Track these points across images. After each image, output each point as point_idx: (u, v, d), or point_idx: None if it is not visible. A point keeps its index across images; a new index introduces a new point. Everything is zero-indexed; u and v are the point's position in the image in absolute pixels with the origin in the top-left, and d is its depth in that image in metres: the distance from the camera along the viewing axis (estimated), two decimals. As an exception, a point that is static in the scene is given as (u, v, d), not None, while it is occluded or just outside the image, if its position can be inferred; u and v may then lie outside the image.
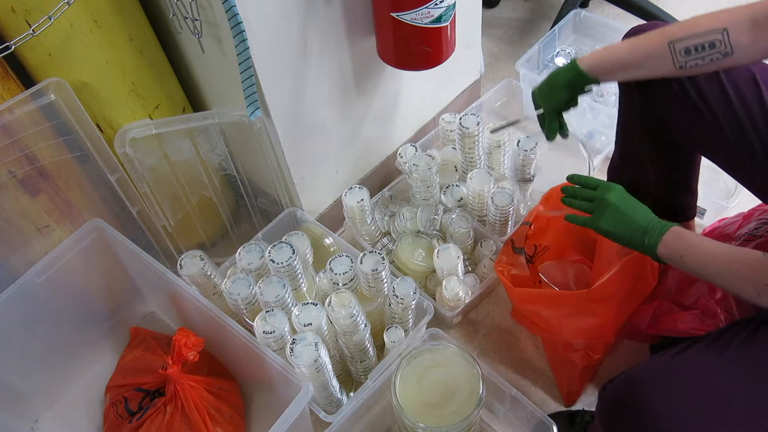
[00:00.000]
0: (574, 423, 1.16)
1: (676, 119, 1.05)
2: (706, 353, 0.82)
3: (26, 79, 1.12)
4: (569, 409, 1.20)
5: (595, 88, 1.70)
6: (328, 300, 1.09)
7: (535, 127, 1.19)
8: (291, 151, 1.28)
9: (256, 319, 1.09)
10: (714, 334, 0.85)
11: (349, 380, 1.27)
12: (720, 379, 0.78)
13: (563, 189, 1.07)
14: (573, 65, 1.02)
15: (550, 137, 1.15)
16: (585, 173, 1.11)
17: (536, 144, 1.37)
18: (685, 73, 0.93)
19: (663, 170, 1.19)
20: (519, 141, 1.38)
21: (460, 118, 1.39)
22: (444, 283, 1.29)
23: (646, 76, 0.97)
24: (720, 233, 1.21)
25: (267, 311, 1.09)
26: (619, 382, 0.85)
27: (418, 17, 1.13)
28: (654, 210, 1.31)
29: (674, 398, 0.78)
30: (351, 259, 1.14)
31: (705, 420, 0.76)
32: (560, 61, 1.79)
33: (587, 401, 1.25)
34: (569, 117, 1.68)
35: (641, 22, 1.84)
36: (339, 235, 1.40)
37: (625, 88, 1.14)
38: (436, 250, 1.32)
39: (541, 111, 1.14)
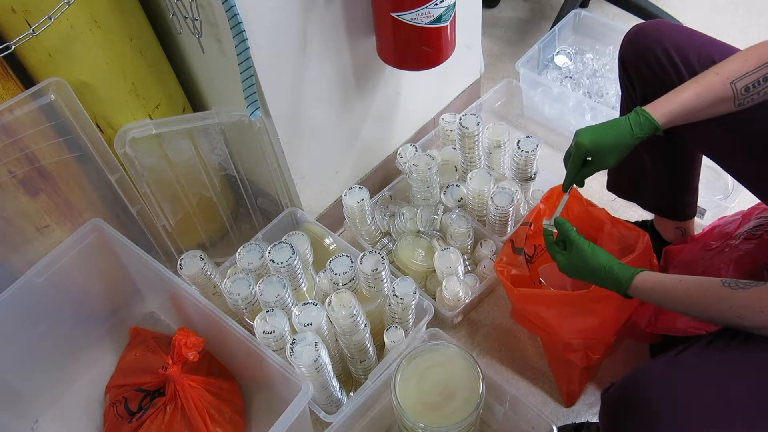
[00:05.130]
0: None
1: None
2: (706, 352, 0.82)
3: (26, 79, 1.12)
4: (574, 422, 1.20)
5: (595, 87, 1.72)
6: (328, 300, 1.09)
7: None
8: (291, 151, 1.28)
9: (256, 319, 1.09)
10: (713, 334, 0.85)
11: (349, 380, 1.27)
12: (720, 379, 0.78)
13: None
14: (642, 113, 0.94)
15: (568, 188, 1.06)
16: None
17: (537, 145, 1.37)
18: (739, 110, 0.92)
19: (663, 168, 1.19)
20: (519, 141, 1.38)
21: (460, 118, 1.39)
22: (444, 283, 1.29)
23: (705, 118, 0.95)
24: (719, 232, 1.21)
25: (267, 311, 1.09)
26: (620, 383, 0.85)
27: (418, 17, 1.13)
28: (654, 209, 1.32)
29: (676, 398, 0.78)
30: (351, 259, 1.14)
31: (706, 419, 0.76)
32: (560, 60, 1.79)
33: (587, 401, 1.25)
34: (569, 117, 1.69)
35: (641, 22, 1.85)
36: (339, 235, 1.40)
37: (626, 86, 1.14)
38: (436, 252, 1.32)
39: (579, 162, 1.00)
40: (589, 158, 0.99)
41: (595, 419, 1.21)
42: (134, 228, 1.33)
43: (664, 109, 0.93)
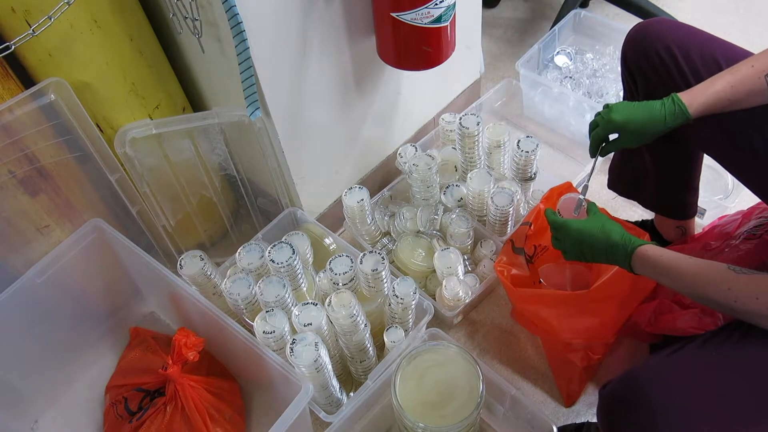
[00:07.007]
0: None
1: None
2: (703, 350, 0.82)
3: (26, 79, 1.12)
4: (575, 422, 1.20)
5: (595, 87, 1.71)
6: (328, 300, 1.09)
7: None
8: (291, 151, 1.28)
9: (256, 319, 1.09)
10: (711, 332, 0.85)
11: (349, 380, 1.27)
12: (717, 375, 0.79)
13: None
14: (679, 103, 0.94)
15: (598, 155, 1.07)
16: (585, 174, 1.11)
17: (537, 145, 1.37)
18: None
19: (664, 168, 1.19)
20: (519, 141, 1.38)
21: (460, 118, 1.39)
22: (444, 283, 1.29)
23: (736, 109, 0.95)
24: (720, 231, 1.21)
25: (267, 311, 1.09)
26: (618, 380, 0.85)
27: (418, 17, 1.13)
28: (655, 208, 1.32)
29: (672, 395, 0.78)
30: (351, 259, 1.14)
31: (703, 416, 0.76)
32: (560, 60, 1.79)
33: (587, 401, 1.25)
34: (569, 117, 1.69)
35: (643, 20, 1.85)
36: (339, 235, 1.40)
37: (629, 84, 1.14)
38: (436, 252, 1.32)
39: (605, 135, 1.02)
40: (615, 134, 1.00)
41: (595, 419, 1.21)
42: (134, 228, 1.33)
43: (700, 99, 0.93)
